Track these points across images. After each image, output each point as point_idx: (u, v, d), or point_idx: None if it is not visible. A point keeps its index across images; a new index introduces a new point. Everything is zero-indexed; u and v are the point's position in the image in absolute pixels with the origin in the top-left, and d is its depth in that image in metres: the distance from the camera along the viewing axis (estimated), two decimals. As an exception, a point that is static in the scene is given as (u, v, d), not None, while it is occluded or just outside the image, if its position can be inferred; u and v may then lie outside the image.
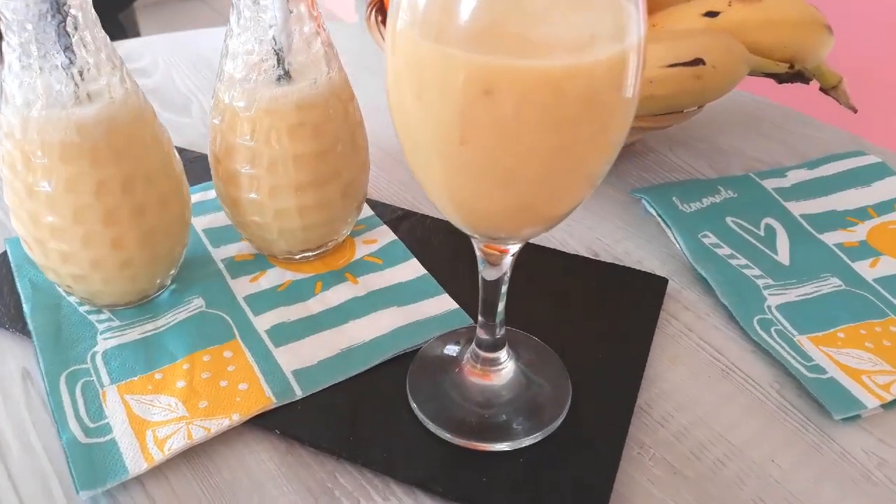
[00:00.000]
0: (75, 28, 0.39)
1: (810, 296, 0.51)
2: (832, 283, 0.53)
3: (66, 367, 0.44)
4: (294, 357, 0.45)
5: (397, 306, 0.49)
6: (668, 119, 0.56)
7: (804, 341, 0.48)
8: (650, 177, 0.64)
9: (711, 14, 0.56)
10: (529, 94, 0.28)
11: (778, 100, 0.75)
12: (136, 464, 0.40)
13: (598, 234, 0.58)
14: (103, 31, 0.41)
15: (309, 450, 0.41)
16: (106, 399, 0.43)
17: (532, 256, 0.54)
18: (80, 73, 0.40)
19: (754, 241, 0.56)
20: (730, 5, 0.56)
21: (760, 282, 0.52)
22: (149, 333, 0.47)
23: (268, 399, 0.43)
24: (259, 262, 0.52)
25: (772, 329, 0.49)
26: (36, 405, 0.44)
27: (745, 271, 0.53)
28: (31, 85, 0.40)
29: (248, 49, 0.44)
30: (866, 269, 0.54)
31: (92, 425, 0.41)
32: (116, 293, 0.46)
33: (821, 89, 0.61)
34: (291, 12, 0.43)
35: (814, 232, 0.57)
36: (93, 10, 0.41)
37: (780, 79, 0.57)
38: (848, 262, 0.55)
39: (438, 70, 0.29)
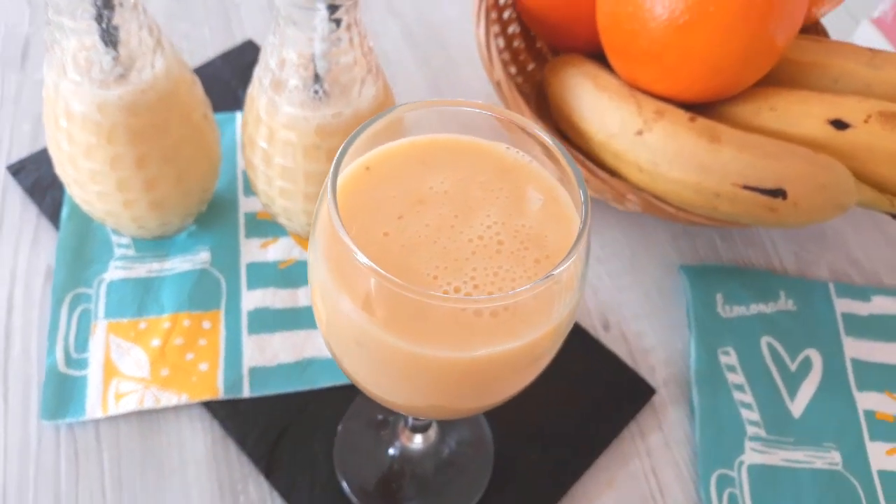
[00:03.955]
0: (111, 18, 0.39)
1: (795, 465, 0.48)
2: (829, 459, 0.48)
3: (74, 287, 0.50)
4: (258, 351, 0.48)
5: (375, 328, 0.50)
6: (741, 226, 0.50)
7: (752, 518, 0.46)
8: (722, 244, 0.58)
9: (839, 125, 0.46)
10: (395, 362, 0.27)
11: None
12: (93, 409, 0.46)
13: (624, 299, 0.54)
14: (145, 14, 0.41)
15: (238, 447, 0.46)
16: (95, 332, 0.48)
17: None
18: (112, 59, 0.40)
19: (777, 378, 0.51)
20: (866, 121, 0.46)
21: (751, 430, 0.49)
22: (153, 274, 0.51)
23: (217, 390, 0.46)
24: (277, 226, 0.54)
25: (725, 492, 0.46)
26: (46, 309, 0.50)
27: (743, 411, 0.49)
28: (63, 58, 0.41)
29: (279, 64, 0.42)
30: (880, 456, 0.49)
31: (75, 356, 0.47)
32: (131, 232, 0.50)
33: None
34: (340, 41, 0.40)
35: (853, 385, 0.51)
36: (138, -3, 0.40)
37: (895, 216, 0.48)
38: (865, 437, 0.49)
39: (327, 302, 0.28)
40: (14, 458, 0.44)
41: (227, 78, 0.62)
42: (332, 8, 0.38)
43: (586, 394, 0.49)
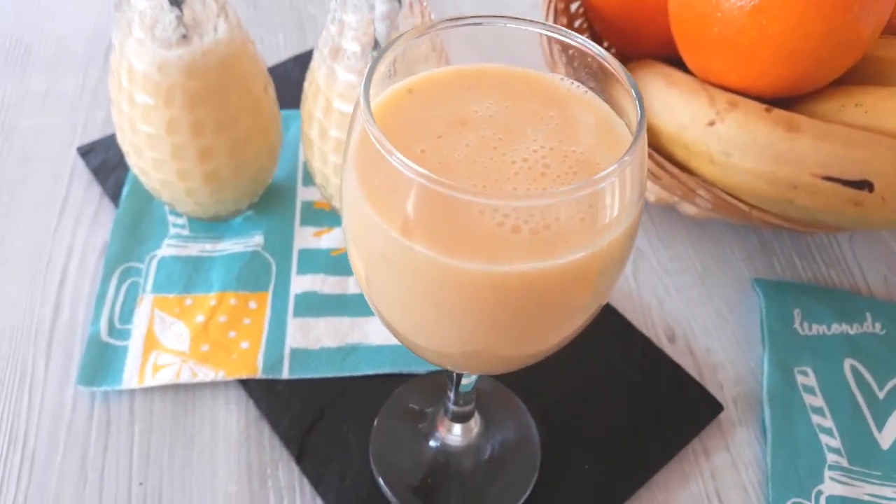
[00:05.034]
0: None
1: (883, 502, 0.42)
2: (923, 498, 0.43)
3: (126, 261, 0.49)
4: (301, 333, 0.46)
5: (422, 320, 0.47)
6: (819, 228, 0.46)
7: (831, 554, 0.40)
8: (801, 263, 0.54)
9: (937, 120, 0.43)
10: (423, 279, 0.24)
11: None
12: (130, 379, 0.44)
13: (692, 313, 0.51)
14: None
15: (271, 429, 0.44)
16: (140, 305, 0.47)
17: (593, 316, 0.49)
18: (175, 18, 0.41)
19: (862, 403, 0.46)
20: (968, 117, 0.42)
21: (831, 458, 0.43)
22: (205, 254, 0.50)
23: (255, 368, 0.45)
24: (333, 216, 0.53)
25: (801, 522, 0.41)
26: (98, 283, 0.50)
27: (822, 437, 0.44)
28: (130, 15, 0.41)
29: (338, 29, 0.41)
30: (984, 499, 0.43)
31: (118, 326, 0.47)
32: (187, 209, 0.50)
33: None
34: (401, 3, 0.40)
35: (953, 420, 0.46)
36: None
37: None
38: (968, 477, 0.43)
39: (355, 219, 0.26)
40: (47, 422, 0.43)
41: (298, 78, 0.62)
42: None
43: (646, 405, 0.45)
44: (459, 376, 0.38)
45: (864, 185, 0.41)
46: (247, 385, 0.45)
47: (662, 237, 0.55)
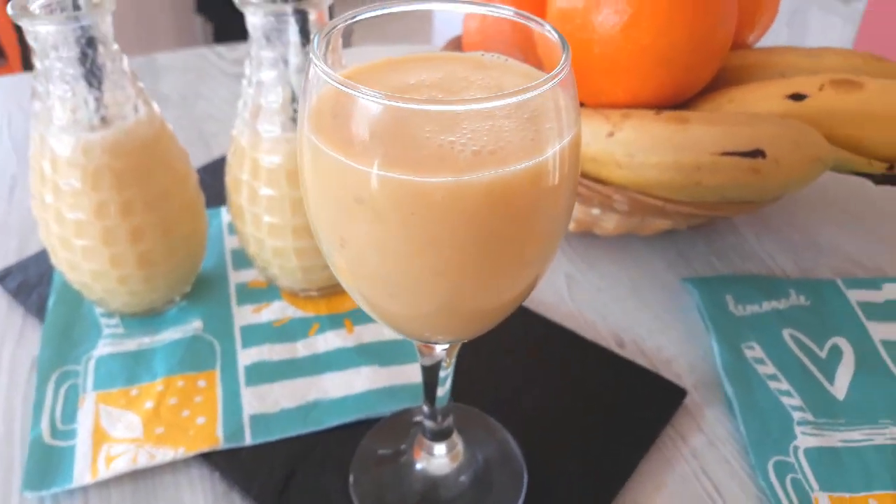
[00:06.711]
0: (94, 58, 0.41)
1: (855, 444, 0.44)
2: (889, 434, 0.44)
3: (61, 365, 0.47)
4: (258, 400, 0.45)
5: (379, 366, 0.47)
6: (728, 209, 0.50)
7: (822, 500, 0.41)
8: (719, 263, 0.57)
9: (797, 97, 0.48)
10: (393, 203, 0.26)
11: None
12: (81, 475, 0.41)
13: (633, 320, 0.53)
14: (125, 63, 0.43)
15: (241, 500, 0.41)
16: (83, 404, 0.45)
17: (543, 333, 0.50)
18: (95, 100, 0.42)
19: (809, 364, 0.48)
20: (821, 89, 0.48)
21: (797, 415, 0.45)
22: (144, 347, 0.48)
23: (216, 439, 0.43)
24: (270, 292, 0.53)
25: (787, 477, 0.42)
26: (30, 396, 0.47)
27: (783, 399, 0.46)
28: (49, 104, 0.42)
29: (256, 90, 0.44)
30: (941, 425, 0.45)
31: (61, 427, 0.44)
32: (120, 303, 0.48)
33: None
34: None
35: (891, 364, 0.49)
36: (115, 45, 0.42)
37: (876, 180, 0.49)
38: (921, 410, 0.46)
39: (323, 178, 0.27)
40: (-10, 539, 0.39)
41: (209, 182, 0.63)
42: (301, 14, 0.41)
43: (613, 404, 0.46)
44: (434, 386, 0.37)
45: (758, 153, 0.45)
46: (210, 459, 0.42)
47: (588, 262, 0.57)
